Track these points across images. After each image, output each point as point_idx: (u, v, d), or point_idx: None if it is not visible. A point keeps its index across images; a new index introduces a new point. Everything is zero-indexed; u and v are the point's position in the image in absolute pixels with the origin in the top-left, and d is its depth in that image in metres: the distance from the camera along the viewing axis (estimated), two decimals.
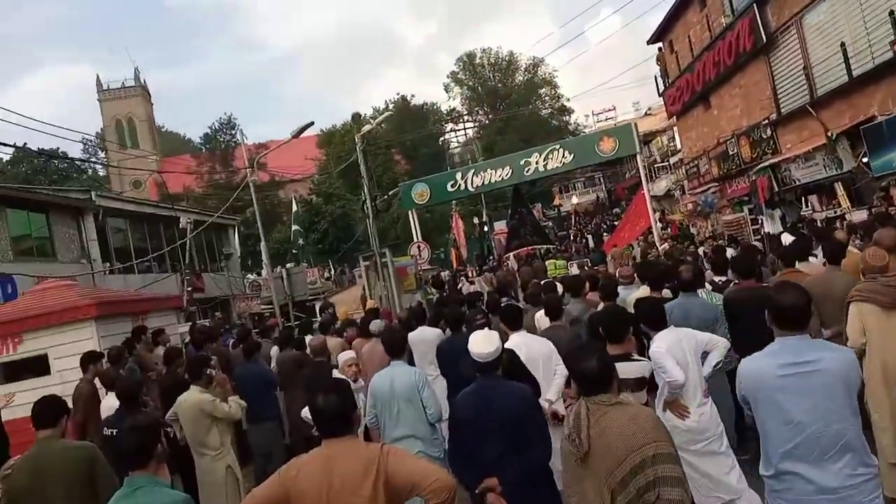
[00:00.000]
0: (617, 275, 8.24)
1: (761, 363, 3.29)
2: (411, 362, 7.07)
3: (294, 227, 26.54)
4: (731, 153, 21.16)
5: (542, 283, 9.21)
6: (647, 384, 4.30)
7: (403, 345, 5.48)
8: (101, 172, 68.37)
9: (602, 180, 65.40)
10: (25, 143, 36.51)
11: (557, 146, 21.74)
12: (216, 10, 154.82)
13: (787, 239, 7.93)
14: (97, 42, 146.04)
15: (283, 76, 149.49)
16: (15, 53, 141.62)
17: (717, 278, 7.26)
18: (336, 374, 6.07)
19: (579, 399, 3.11)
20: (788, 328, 3.24)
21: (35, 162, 44.38)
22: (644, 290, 7.00)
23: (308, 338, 8.67)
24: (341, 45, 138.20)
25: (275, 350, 8.87)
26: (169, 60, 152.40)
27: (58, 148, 40.96)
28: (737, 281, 6.37)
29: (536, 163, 21.52)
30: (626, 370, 4.16)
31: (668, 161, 40.86)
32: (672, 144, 43.20)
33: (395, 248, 27.41)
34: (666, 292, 6.49)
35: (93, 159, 66.61)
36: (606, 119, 59.08)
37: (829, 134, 14.00)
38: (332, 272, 34.10)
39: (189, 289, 16.48)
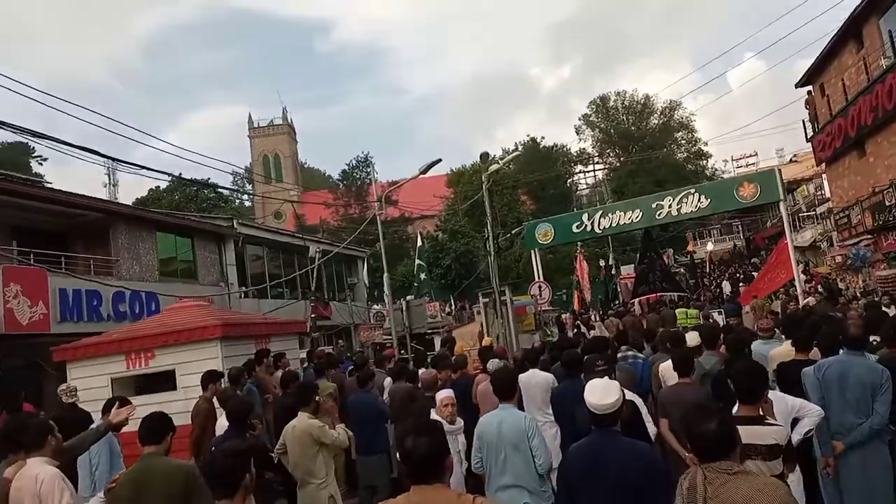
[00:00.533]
0: (755, 328, 7.56)
1: None
2: (521, 406, 6.77)
3: (417, 262, 26.86)
4: (888, 203, 19.32)
5: (670, 331, 8.59)
6: (783, 452, 3.78)
7: (514, 387, 5.18)
8: (247, 203, 73.19)
9: (741, 228, 62.26)
10: (180, 173, 39.58)
11: (693, 190, 20.91)
12: (361, 56, 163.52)
13: None
14: (252, 84, 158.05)
15: (421, 118, 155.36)
16: (180, 93, 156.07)
17: (872, 338, 6.46)
18: (433, 413, 5.88)
19: (696, 466, 2.74)
20: None
21: (187, 191, 47.97)
22: (786, 347, 6.33)
23: (421, 371, 8.58)
24: (477, 89, 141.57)
25: (388, 381, 8.82)
26: (315, 101, 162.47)
27: (208, 178, 43.99)
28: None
29: (669, 206, 20.73)
30: (758, 434, 3.69)
31: (814, 211, 38.25)
32: (819, 193, 40.43)
33: (516, 287, 27.16)
34: (814, 353, 5.83)
35: (239, 190, 71.32)
36: (747, 165, 56.36)
37: None
38: (453, 307, 34.17)
39: (313, 315, 16.94)
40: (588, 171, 58.94)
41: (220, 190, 49.63)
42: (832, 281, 24.78)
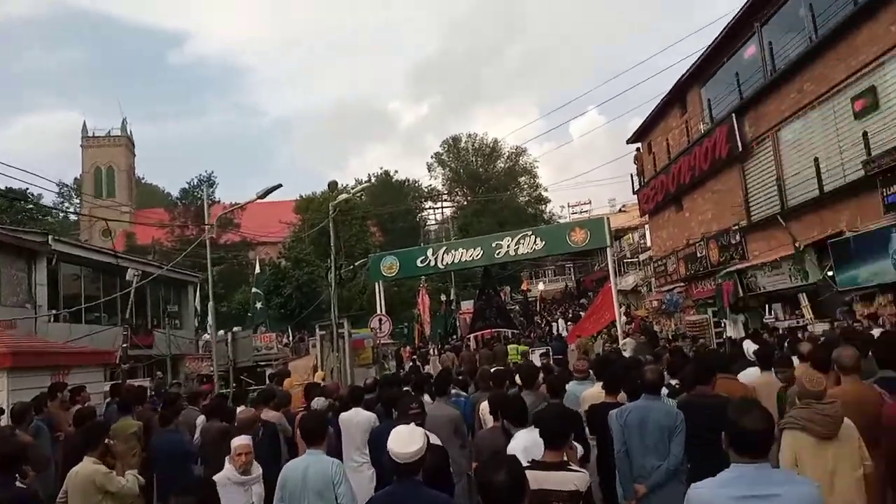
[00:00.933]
0: (573, 369, 7.82)
1: (712, 493, 2.85)
2: (339, 446, 6.50)
3: (254, 290, 25.79)
4: (699, 255, 21.21)
5: (492, 369, 8.64)
6: (582, 499, 3.80)
7: (321, 432, 4.89)
8: (73, 217, 67.22)
9: (572, 270, 66.00)
10: None
11: (530, 232, 21.94)
12: (217, 72, 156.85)
13: (749, 347, 7.56)
14: (91, 91, 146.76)
15: (274, 142, 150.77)
16: (7, 93, 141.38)
17: (673, 381, 6.87)
18: (226, 462, 5.41)
19: None
20: (748, 454, 2.83)
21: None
22: (597, 389, 6.57)
23: (240, 409, 8.05)
24: (335, 117, 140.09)
25: (201, 419, 8.18)
26: (162, 115, 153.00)
27: (27, 189, 39.76)
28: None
29: (508, 246, 21.68)
30: (560, 481, 3.68)
31: (637, 258, 41.34)
32: (643, 242, 43.82)
33: (357, 320, 26.83)
34: (622, 396, 6.06)
35: (62, 205, 65.53)
36: (581, 212, 60.17)
37: (797, 245, 14.01)
38: (291, 338, 33.09)
39: (125, 344, 15.54)
40: (437, 208, 60.05)
41: (40, 203, 45.10)
42: (649, 323, 26.72)
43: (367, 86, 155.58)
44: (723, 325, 18.64)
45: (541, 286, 55.53)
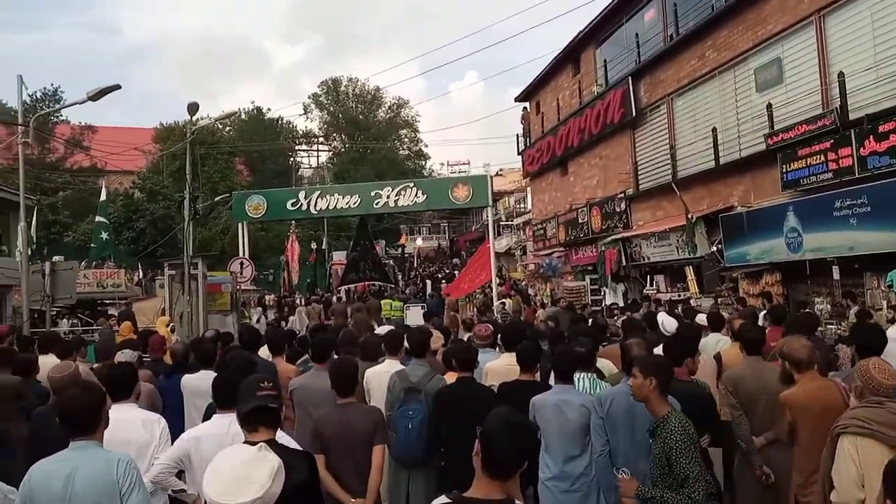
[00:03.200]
0: (473, 335, 6.60)
1: None
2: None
3: (98, 219, 22.82)
4: (581, 221, 20.86)
5: (383, 334, 7.12)
6: None
7: (94, 417, 3.05)
8: None
9: (447, 229, 65.80)
10: None
11: (412, 184, 21.10)
12: None
13: (668, 321, 6.66)
14: None
15: (136, 68, 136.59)
16: None
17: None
18: None
19: None
20: None
21: None
22: (504, 361, 5.44)
23: (46, 359, 6.30)
24: (203, 49, 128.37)
25: None
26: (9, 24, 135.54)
27: None
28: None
29: (388, 197, 20.68)
30: None
31: (512, 221, 41.47)
32: (518, 206, 44.03)
33: (217, 262, 24.69)
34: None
35: None
36: (460, 171, 59.68)
37: (690, 216, 13.65)
38: (142, 276, 30.07)
39: None
40: (312, 151, 57.22)
41: None
42: (523, 286, 26.47)
43: (240, 19, 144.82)
44: (603, 292, 18.38)
45: (419, 241, 54.79)
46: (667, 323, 6.67)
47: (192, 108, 17.41)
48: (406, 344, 5.67)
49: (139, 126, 51.19)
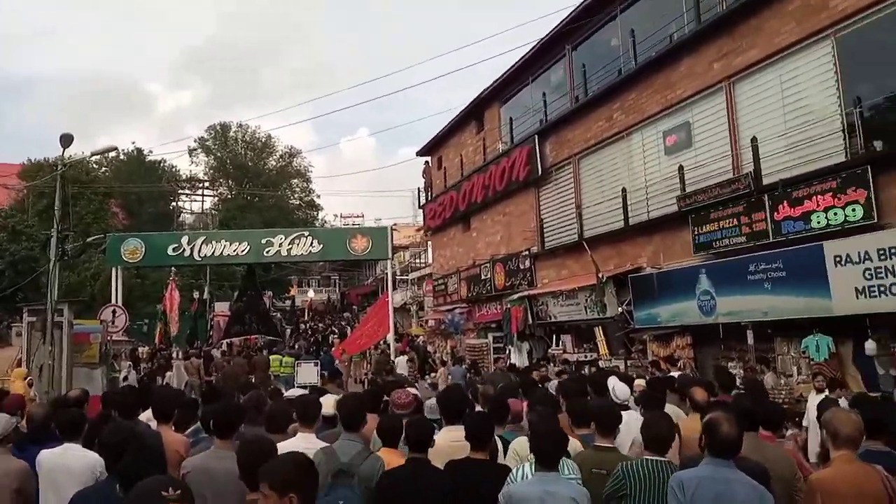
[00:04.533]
0: (391, 404, 5.54)
1: None
2: None
3: None
4: (483, 277, 20.44)
5: (293, 398, 5.93)
6: None
7: None
8: None
9: (337, 282, 64.16)
10: None
11: (307, 233, 20.62)
12: None
13: (619, 387, 5.90)
14: None
15: (5, 103, 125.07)
16: None
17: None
18: None
19: None
20: None
21: None
22: (449, 436, 4.56)
23: None
24: (84, 90, 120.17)
25: None
26: None
27: None
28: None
29: (280, 245, 19.93)
30: None
31: (406, 276, 40.94)
32: (413, 261, 43.57)
33: (86, 310, 22.51)
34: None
35: None
36: (353, 224, 58.67)
37: (601, 275, 13.43)
38: None
39: None
40: (197, 195, 54.43)
41: None
42: (421, 343, 25.62)
43: (126, 61, 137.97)
44: (507, 350, 17.84)
45: (311, 293, 53.01)
46: (618, 389, 5.98)
47: (66, 139, 15.76)
48: (327, 413, 4.69)
49: (2, 162, 46.88)
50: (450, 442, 4.44)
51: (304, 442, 4.35)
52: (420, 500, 3.59)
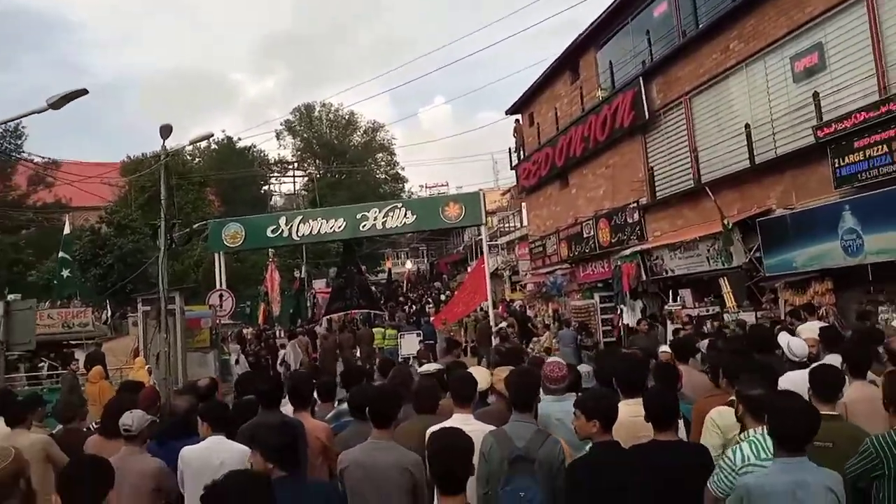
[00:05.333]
0: (544, 378, 4.78)
1: None
2: None
3: (60, 255, 20.96)
4: (586, 235, 19.46)
5: (435, 372, 5.38)
6: None
7: None
8: None
9: (426, 253, 64.26)
10: None
11: (400, 204, 20.18)
12: (36, 24, 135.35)
13: (795, 343, 4.93)
14: None
15: (103, 104, 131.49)
16: None
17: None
18: None
19: None
20: None
21: None
22: (631, 408, 3.88)
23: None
24: (173, 85, 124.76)
25: None
26: None
27: None
28: None
29: (375, 219, 19.61)
30: None
31: (496, 241, 40.34)
32: (502, 226, 42.85)
33: (192, 296, 23.16)
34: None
35: None
36: (438, 193, 58.33)
37: (726, 222, 12.28)
38: (110, 315, 28.03)
39: None
40: (288, 177, 55.37)
41: None
42: (518, 308, 24.96)
43: (210, 54, 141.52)
44: (619, 310, 16.92)
45: (408, 264, 53.32)
46: (794, 345, 5.07)
47: (166, 130, 15.90)
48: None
49: (105, 161, 48.92)
50: (630, 417, 3.76)
51: (463, 424, 3.79)
52: (625, 491, 2.95)
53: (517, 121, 25.41)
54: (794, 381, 4.45)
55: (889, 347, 4.63)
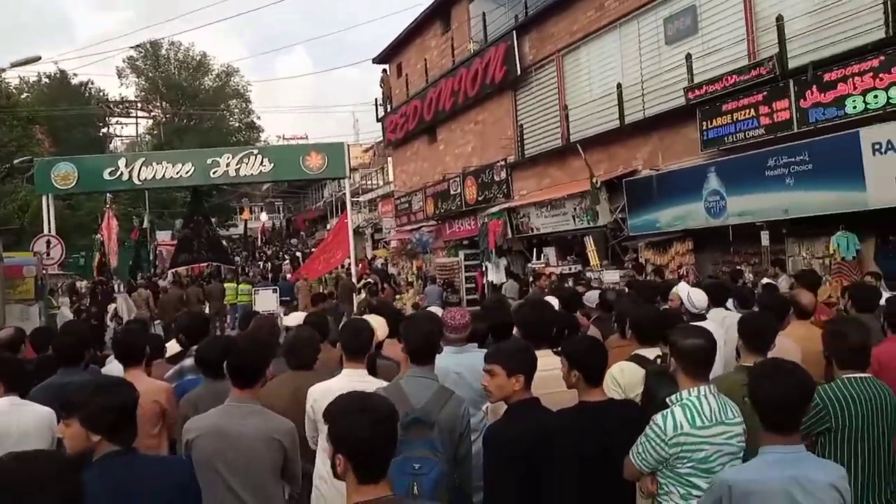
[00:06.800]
0: (444, 327, 4.07)
1: None
2: None
3: None
4: (453, 192, 19.15)
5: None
6: None
7: None
8: None
9: (282, 208, 61.92)
10: None
11: (255, 151, 18.69)
12: None
13: (696, 294, 4.76)
14: None
15: None
16: None
17: None
18: None
19: None
20: None
21: None
22: (548, 360, 3.37)
23: None
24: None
25: None
26: None
27: None
28: None
29: (227, 165, 17.99)
30: None
31: (357, 198, 39.38)
32: (364, 182, 41.93)
33: (16, 244, 20.64)
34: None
35: None
36: (298, 146, 56.04)
37: (595, 181, 12.28)
38: None
39: None
40: (129, 119, 50.76)
41: None
42: (378, 264, 24.47)
43: None
44: (484, 268, 16.77)
45: (263, 217, 50.97)
46: (694, 296, 4.85)
47: None
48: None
49: None
50: (549, 371, 3.24)
51: (355, 381, 3.11)
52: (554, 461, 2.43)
53: (384, 70, 24.49)
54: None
55: (796, 300, 4.52)
